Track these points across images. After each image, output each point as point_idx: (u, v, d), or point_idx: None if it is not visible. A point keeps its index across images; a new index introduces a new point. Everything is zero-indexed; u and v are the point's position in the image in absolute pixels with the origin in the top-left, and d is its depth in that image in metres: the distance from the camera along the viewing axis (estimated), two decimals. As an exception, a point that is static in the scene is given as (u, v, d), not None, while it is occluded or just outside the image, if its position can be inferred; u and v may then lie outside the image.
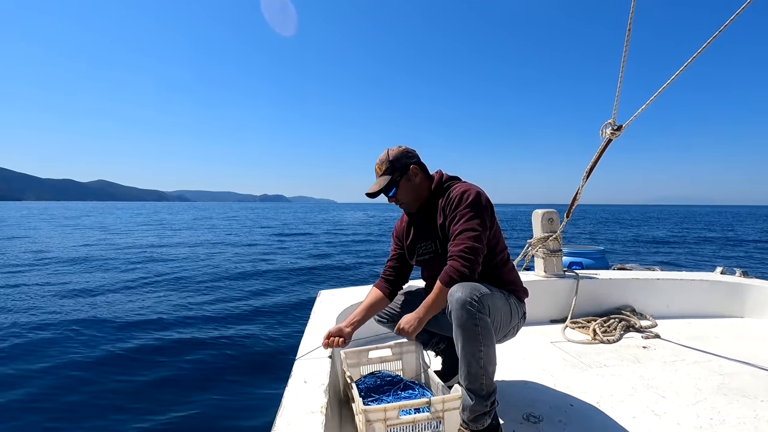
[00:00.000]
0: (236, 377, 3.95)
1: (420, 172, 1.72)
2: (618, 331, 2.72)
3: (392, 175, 1.67)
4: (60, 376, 3.88)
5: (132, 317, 5.84)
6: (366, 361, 1.93)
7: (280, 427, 1.18)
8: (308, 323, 2.28)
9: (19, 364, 4.16)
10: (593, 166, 2.58)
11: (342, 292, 2.96)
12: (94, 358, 4.31)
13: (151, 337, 4.98)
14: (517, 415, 1.70)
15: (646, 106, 2.26)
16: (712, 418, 1.64)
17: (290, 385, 1.48)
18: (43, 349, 4.56)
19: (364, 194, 1.72)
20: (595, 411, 1.73)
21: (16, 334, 5.09)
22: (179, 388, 3.68)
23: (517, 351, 2.46)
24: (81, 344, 4.74)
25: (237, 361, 4.33)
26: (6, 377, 3.86)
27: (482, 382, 1.36)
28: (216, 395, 3.57)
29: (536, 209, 3.35)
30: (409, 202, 1.73)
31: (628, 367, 2.19)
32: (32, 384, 3.73)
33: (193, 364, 4.21)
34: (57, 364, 4.13)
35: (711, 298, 3.15)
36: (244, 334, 5.20)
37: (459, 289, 1.38)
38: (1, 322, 5.58)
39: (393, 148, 1.72)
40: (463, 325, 1.34)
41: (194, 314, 6.12)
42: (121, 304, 6.76)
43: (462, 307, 1.34)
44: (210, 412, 3.29)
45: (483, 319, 1.35)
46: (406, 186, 1.70)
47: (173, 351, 4.54)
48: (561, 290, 3.10)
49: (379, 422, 1.38)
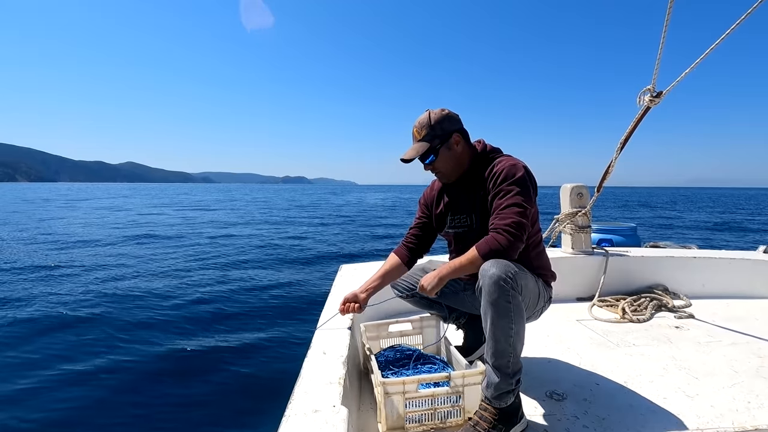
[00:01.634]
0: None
1: (462, 141, 1.60)
2: (649, 311, 2.61)
3: (432, 142, 1.55)
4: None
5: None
6: (386, 334, 1.93)
7: (298, 397, 1.19)
8: (329, 296, 2.29)
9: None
10: (629, 135, 2.42)
11: (364, 267, 2.95)
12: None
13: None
14: (540, 393, 1.66)
15: (690, 70, 2.08)
16: (750, 402, 1.56)
17: (309, 355, 1.49)
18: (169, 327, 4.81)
19: (399, 159, 1.59)
20: (622, 390, 1.67)
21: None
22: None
23: (541, 328, 2.40)
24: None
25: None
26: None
27: (509, 360, 1.32)
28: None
29: (565, 184, 3.21)
30: (447, 172, 1.62)
31: (659, 347, 2.10)
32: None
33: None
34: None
35: (752, 278, 2.97)
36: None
37: (493, 265, 1.32)
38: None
39: (435, 111, 1.59)
40: (496, 301, 1.29)
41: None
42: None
43: (495, 283, 1.28)
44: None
45: (516, 297, 1.30)
46: (446, 155, 1.58)
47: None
48: (589, 268, 2.99)
49: (398, 395, 1.38)
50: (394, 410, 1.38)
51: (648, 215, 26.03)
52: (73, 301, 5.63)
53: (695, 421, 1.43)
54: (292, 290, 6.44)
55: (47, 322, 4.77)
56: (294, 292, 6.29)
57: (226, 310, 5.31)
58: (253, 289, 6.39)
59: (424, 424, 1.41)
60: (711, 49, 2.07)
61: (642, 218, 22.95)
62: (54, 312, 5.10)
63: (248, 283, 6.83)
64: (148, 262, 8.71)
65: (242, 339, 4.32)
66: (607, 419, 1.45)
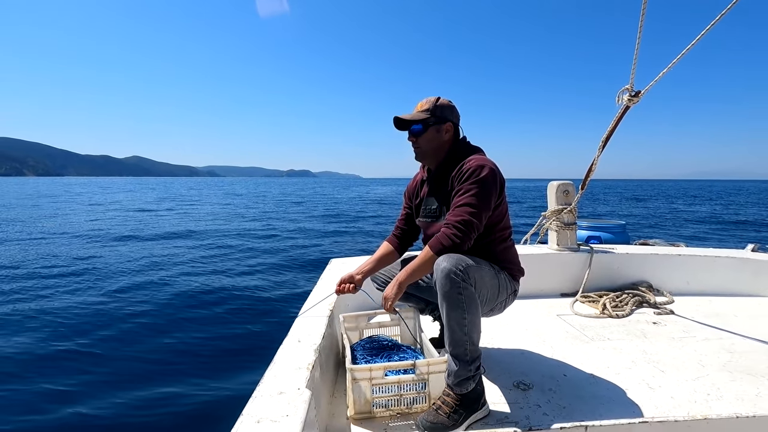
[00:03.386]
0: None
1: (451, 133, 1.70)
2: (629, 306, 2.66)
3: (427, 118, 1.67)
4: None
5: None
6: (365, 325, 2.00)
7: (267, 380, 1.26)
8: (314, 287, 2.36)
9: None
10: (610, 134, 2.46)
11: (353, 261, 3.02)
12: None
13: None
14: (508, 382, 1.72)
15: (668, 70, 2.11)
16: (710, 394, 1.61)
17: (285, 342, 1.57)
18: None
19: (393, 118, 1.69)
20: (588, 382, 1.72)
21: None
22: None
23: (520, 322, 2.46)
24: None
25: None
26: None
27: (466, 348, 1.38)
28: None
29: (551, 181, 3.25)
30: (425, 150, 1.71)
31: (632, 342, 2.16)
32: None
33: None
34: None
35: (737, 276, 3.00)
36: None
37: (445, 260, 1.39)
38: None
39: (444, 99, 1.71)
40: (447, 293, 1.36)
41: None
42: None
43: (446, 276, 1.35)
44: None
45: (467, 289, 1.36)
46: (433, 135, 1.68)
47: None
48: (573, 264, 3.04)
49: (365, 381, 1.45)
50: (361, 395, 1.45)
51: (663, 210, 25.55)
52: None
53: (652, 410, 1.48)
54: (289, 285, 6.56)
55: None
56: (292, 288, 6.41)
57: (226, 301, 5.45)
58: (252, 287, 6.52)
59: (390, 410, 1.48)
60: (690, 47, 2.10)
61: (654, 213, 22.60)
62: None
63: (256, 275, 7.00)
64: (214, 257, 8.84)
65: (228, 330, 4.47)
66: (567, 408, 1.51)
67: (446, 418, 1.37)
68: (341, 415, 1.54)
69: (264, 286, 6.31)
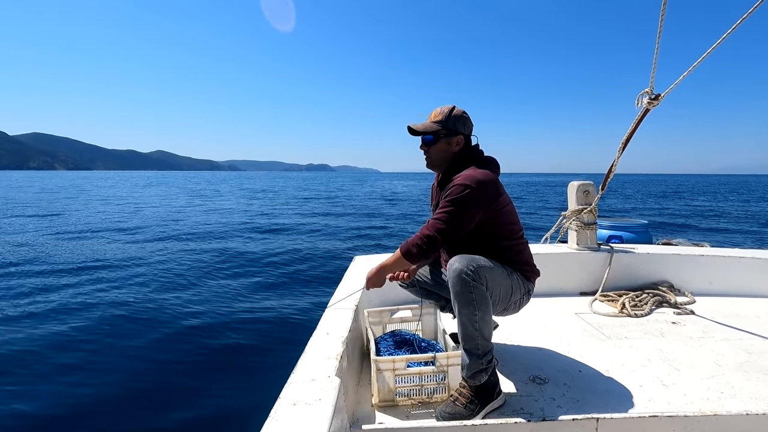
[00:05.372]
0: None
1: (462, 145, 1.76)
2: (649, 306, 2.68)
3: (439, 129, 1.73)
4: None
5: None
6: (388, 320, 2.11)
7: (300, 369, 1.40)
8: (340, 282, 2.49)
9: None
10: (629, 137, 2.48)
11: (378, 258, 3.13)
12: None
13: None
14: (524, 377, 1.81)
15: (688, 73, 2.12)
16: (723, 392, 1.65)
17: (315, 335, 1.70)
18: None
19: (406, 126, 1.77)
20: (602, 378, 1.79)
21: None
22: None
23: (538, 320, 2.53)
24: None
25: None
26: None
27: (477, 343, 1.48)
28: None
29: (572, 181, 3.28)
30: (434, 159, 1.79)
31: (650, 341, 2.20)
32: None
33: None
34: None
35: (762, 277, 2.97)
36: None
37: (457, 260, 1.49)
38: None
39: (458, 109, 1.75)
40: (459, 292, 1.46)
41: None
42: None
43: (458, 276, 1.45)
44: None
45: (478, 288, 1.46)
46: (443, 147, 1.74)
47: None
48: (593, 263, 3.07)
49: (389, 371, 1.57)
50: (385, 384, 1.57)
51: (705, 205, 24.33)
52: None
53: (664, 406, 1.55)
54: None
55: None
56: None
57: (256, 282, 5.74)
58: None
59: (412, 399, 1.60)
60: (711, 50, 2.10)
61: (689, 212, 21.67)
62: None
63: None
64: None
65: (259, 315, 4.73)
66: (580, 401, 1.59)
67: (463, 408, 1.48)
68: (366, 402, 1.66)
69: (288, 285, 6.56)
